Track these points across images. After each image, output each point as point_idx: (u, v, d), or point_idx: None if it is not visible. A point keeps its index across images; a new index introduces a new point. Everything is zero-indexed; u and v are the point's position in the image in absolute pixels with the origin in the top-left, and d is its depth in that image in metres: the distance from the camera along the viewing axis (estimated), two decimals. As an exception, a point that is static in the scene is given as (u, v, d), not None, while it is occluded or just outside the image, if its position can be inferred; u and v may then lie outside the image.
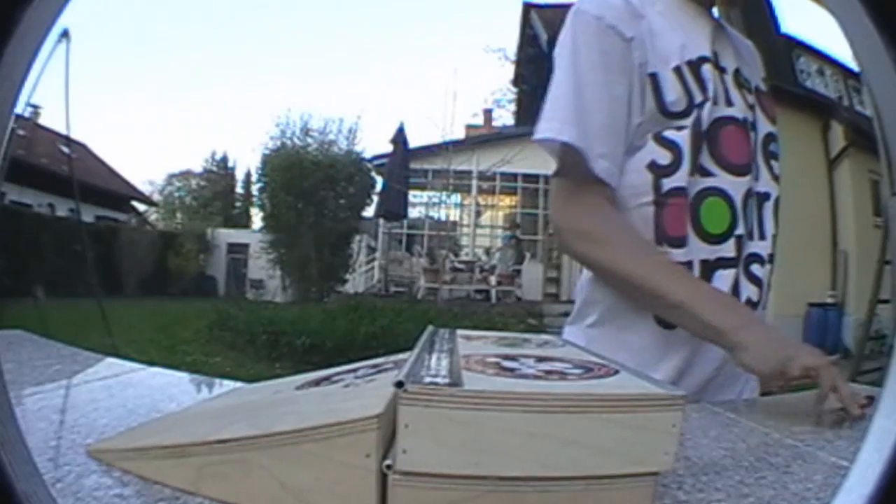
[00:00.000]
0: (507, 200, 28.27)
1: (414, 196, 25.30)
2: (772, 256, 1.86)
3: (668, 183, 1.73)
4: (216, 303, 18.85)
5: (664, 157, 1.73)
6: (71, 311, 11.55)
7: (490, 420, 0.75)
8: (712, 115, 1.74)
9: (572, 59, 1.74)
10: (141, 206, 39.58)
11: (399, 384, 0.76)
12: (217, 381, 1.77)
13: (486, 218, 29.40)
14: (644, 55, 1.73)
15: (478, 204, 28.06)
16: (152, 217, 44.23)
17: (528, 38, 24.46)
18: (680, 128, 1.73)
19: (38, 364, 1.71)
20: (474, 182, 25.25)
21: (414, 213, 26.50)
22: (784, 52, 17.13)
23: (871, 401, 1.34)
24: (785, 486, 0.99)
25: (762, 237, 1.85)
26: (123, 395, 1.56)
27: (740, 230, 1.77)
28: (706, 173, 1.75)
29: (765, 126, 1.90)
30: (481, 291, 20.82)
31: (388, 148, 23.50)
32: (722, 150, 1.76)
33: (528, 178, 25.06)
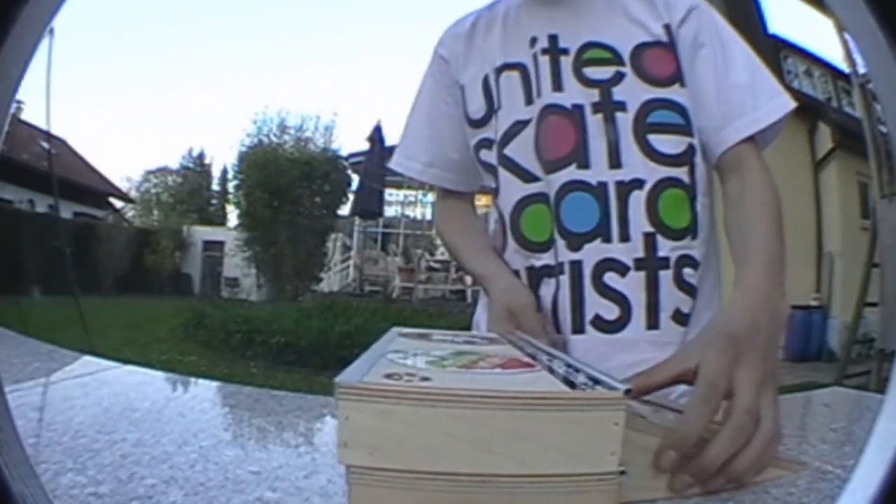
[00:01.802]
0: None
1: (390, 194, 25.28)
2: (644, 265, 1.59)
3: (499, 204, 1.76)
4: (191, 301, 18.84)
5: (490, 181, 1.78)
6: (49, 308, 11.54)
7: (422, 416, 0.75)
8: (507, 122, 1.71)
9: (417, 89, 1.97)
10: (118, 203, 39.51)
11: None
12: (192, 379, 1.77)
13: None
14: (457, 71, 1.85)
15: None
16: (129, 214, 44.14)
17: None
18: (490, 146, 1.76)
19: (15, 361, 1.70)
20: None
21: (390, 211, 26.52)
22: (771, 52, 17.17)
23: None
24: (766, 490, 0.99)
25: (625, 238, 1.59)
26: (99, 393, 1.56)
27: (553, 234, 1.63)
28: (531, 178, 1.68)
29: (642, 93, 1.62)
30: (457, 291, 20.83)
31: (365, 146, 23.50)
32: (542, 149, 1.66)
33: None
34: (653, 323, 1.59)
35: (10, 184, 22.10)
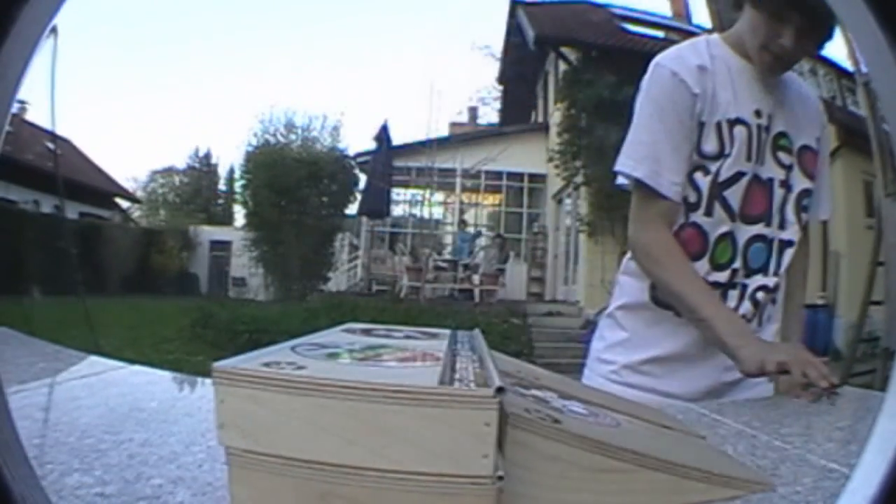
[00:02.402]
0: (491, 199, 28.20)
1: (397, 194, 25.28)
2: (778, 286, 2.27)
3: (692, 216, 2.19)
4: (198, 301, 18.86)
5: (692, 196, 2.19)
6: (55, 309, 11.53)
7: (289, 404, 0.75)
8: (732, 168, 2.15)
9: (651, 107, 2.21)
10: (124, 203, 39.44)
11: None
12: (199, 379, 1.77)
13: (469, 216, 29.18)
14: (703, 107, 2.16)
15: (462, 202, 27.93)
16: (135, 214, 44.06)
17: (514, 34, 24.40)
18: (706, 172, 2.17)
19: (21, 362, 1.70)
20: (458, 180, 25.19)
21: (397, 211, 26.51)
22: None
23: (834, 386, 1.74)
24: (773, 488, 0.99)
25: (776, 273, 2.25)
26: (105, 393, 1.56)
27: (737, 265, 2.20)
28: (732, 219, 2.19)
29: (801, 183, 2.25)
30: (464, 291, 20.83)
31: (372, 145, 23.49)
32: (745, 204, 2.18)
33: (512, 176, 24.97)
34: None
35: (14, 184, 22.07)
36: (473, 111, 37.97)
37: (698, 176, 2.18)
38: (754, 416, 1.48)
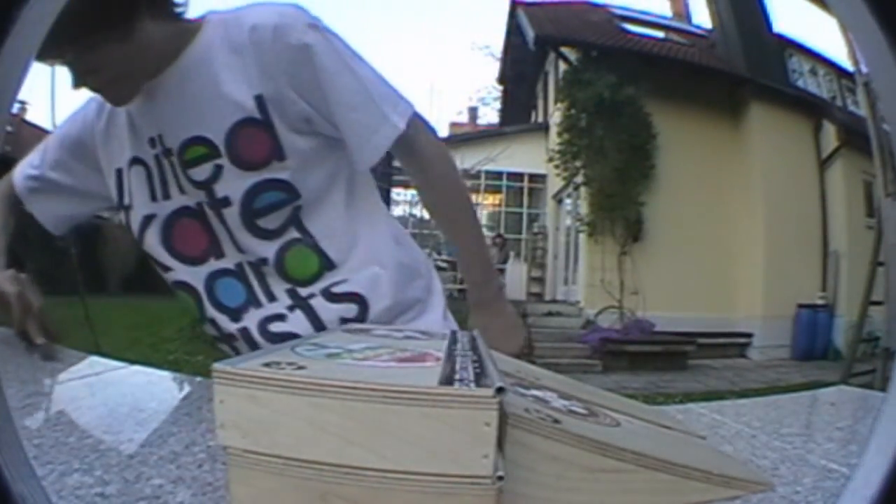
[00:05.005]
0: (491, 199, 28.22)
1: (397, 194, 25.27)
2: (296, 306, 1.84)
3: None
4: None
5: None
6: (55, 309, 11.54)
7: (288, 404, 0.75)
8: (138, 219, 1.89)
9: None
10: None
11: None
12: (198, 379, 1.77)
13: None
14: (92, 155, 1.98)
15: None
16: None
17: (514, 35, 24.42)
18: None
19: (21, 361, 1.70)
20: (458, 180, 25.18)
21: (397, 211, 26.48)
22: (776, 51, 17.18)
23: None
24: (772, 488, 0.99)
25: (273, 299, 1.84)
26: (105, 393, 1.56)
27: (211, 314, 1.87)
28: (167, 269, 1.90)
29: (242, 182, 1.74)
30: (464, 290, 20.82)
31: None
32: (175, 246, 1.87)
33: (512, 176, 24.97)
34: None
35: (15, 184, 22.10)
36: (473, 111, 38.05)
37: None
38: (754, 417, 1.48)
